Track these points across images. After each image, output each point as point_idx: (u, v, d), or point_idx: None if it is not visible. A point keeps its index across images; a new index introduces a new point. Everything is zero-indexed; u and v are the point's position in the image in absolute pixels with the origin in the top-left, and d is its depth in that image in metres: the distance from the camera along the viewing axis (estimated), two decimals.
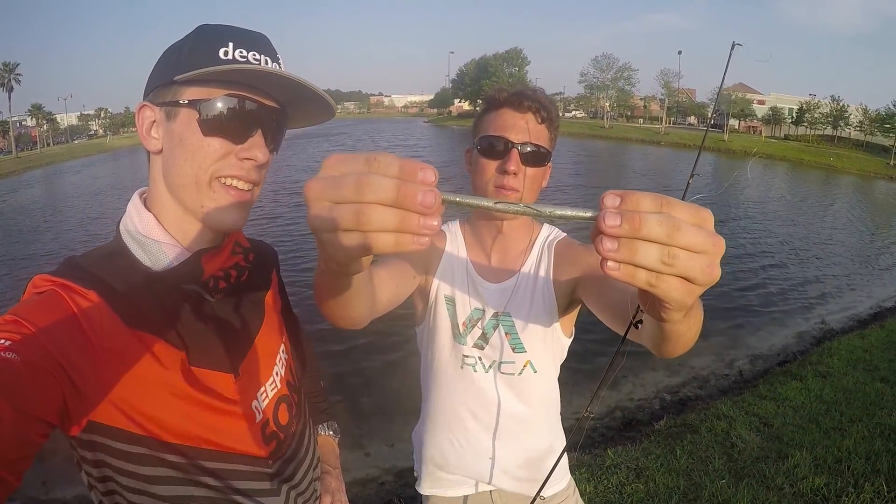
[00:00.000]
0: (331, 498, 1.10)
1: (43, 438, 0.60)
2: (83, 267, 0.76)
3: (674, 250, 0.39)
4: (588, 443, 4.31)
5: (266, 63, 0.79)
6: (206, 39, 0.78)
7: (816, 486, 3.07)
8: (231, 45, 0.77)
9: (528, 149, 1.17)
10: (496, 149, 1.18)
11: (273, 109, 0.82)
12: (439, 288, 1.33)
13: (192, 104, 0.76)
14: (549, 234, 1.35)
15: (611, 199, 0.40)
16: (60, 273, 0.74)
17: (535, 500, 1.27)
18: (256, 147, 0.80)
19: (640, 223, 0.39)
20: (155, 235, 0.80)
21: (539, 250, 1.32)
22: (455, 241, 1.36)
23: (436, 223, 0.39)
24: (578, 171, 23.59)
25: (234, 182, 0.80)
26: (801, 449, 3.50)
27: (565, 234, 1.36)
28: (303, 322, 1.25)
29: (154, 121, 0.80)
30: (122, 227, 0.82)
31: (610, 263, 0.40)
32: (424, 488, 1.44)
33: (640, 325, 0.82)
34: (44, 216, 17.09)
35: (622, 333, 0.97)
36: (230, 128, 0.78)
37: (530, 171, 1.19)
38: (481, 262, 1.34)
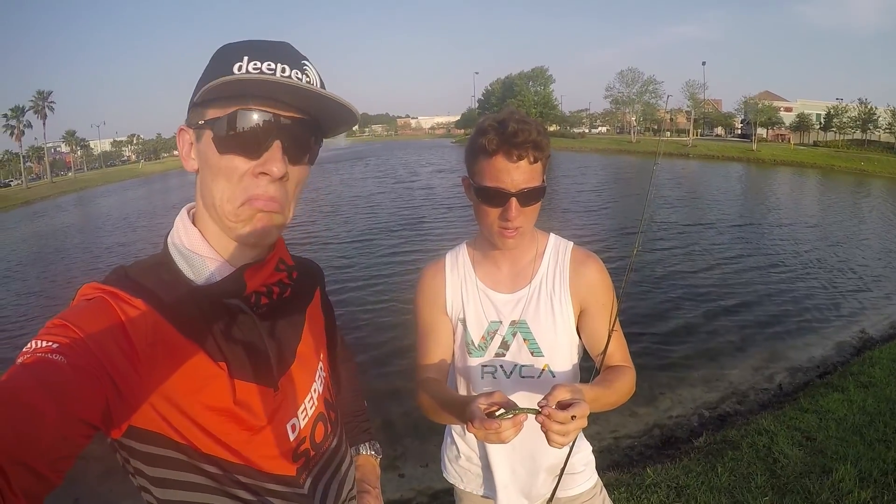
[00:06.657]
0: None
1: (86, 440, 0.62)
2: (131, 276, 0.78)
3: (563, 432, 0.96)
4: (626, 461, 4.28)
5: (283, 71, 0.76)
6: (223, 57, 0.78)
7: (862, 500, 3.01)
8: (245, 58, 0.76)
9: (525, 192, 1.24)
10: (495, 198, 1.25)
11: (293, 119, 0.78)
12: (453, 312, 1.45)
13: (208, 123, 0.78)
14: (557, 243, 1.44)
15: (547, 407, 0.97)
16: (109, 281, 0.76)
17: (552, 498, 1.37)
18: (272, 161, 0.76)
19: (551, 423, 0.96)
20: (199, 250, 0.82)
21: (551, 258, 1.41)
22: (457, 266, 1.46)
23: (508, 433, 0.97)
24: (607, 201, 23.26)
25: (258, 203, 0.79)
26: (846, 462, 3.42)
27: (572, 244, 1.45)
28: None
29: (191, 142, 0.83)
30: (169, 240, 0.85)
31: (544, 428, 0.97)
32: (458, 487, 1.60)
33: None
34: (74, 240, 17.88)
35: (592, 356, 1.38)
36: (244, 144, 0.76)
37: (529, 209, 1.27)
38: (493, 275, 1.43)
